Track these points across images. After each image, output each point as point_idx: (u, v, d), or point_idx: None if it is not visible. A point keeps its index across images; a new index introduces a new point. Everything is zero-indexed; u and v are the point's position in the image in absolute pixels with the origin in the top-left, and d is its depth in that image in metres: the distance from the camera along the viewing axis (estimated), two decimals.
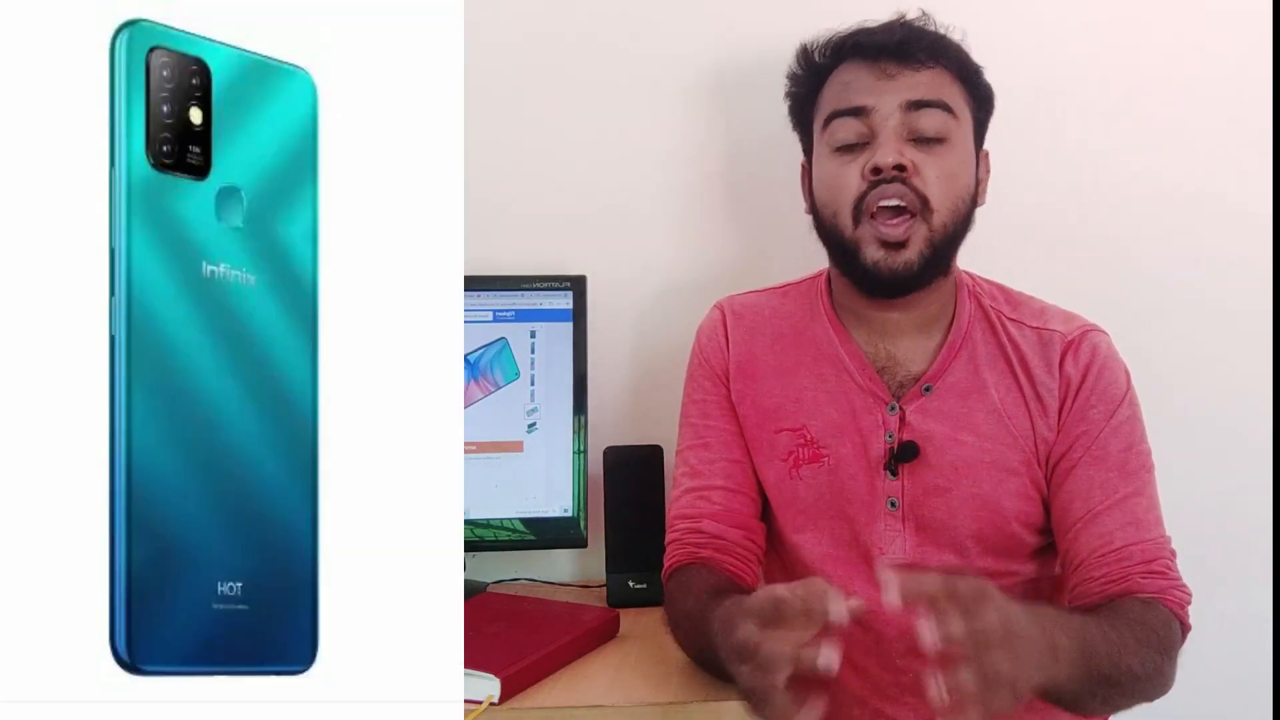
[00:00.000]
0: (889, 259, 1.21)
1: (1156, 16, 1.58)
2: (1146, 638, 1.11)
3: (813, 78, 1.28)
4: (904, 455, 1.24)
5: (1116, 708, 1.13)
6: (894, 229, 1.20)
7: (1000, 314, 1.28)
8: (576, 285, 1.48)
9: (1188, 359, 1.59)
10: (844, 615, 0.92)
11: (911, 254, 1.20)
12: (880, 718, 1.28)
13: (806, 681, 0.93)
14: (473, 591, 1.45)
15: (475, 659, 1.12)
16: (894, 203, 1.20)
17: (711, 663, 1.12)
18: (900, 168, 1.19)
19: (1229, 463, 1.60)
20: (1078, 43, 1.58)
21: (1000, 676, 0.88)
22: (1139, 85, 1.58)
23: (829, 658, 0.91)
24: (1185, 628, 1.17)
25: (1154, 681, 1.12)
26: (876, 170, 1.19)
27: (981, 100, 1.27)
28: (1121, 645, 1.08)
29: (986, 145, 1.30)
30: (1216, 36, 1.58)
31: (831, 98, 1.26)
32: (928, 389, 1.25)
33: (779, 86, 1.33)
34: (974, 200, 1.26)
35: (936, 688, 0.89)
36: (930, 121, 1.21)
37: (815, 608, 0.93)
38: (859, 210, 1.21)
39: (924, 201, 1.20)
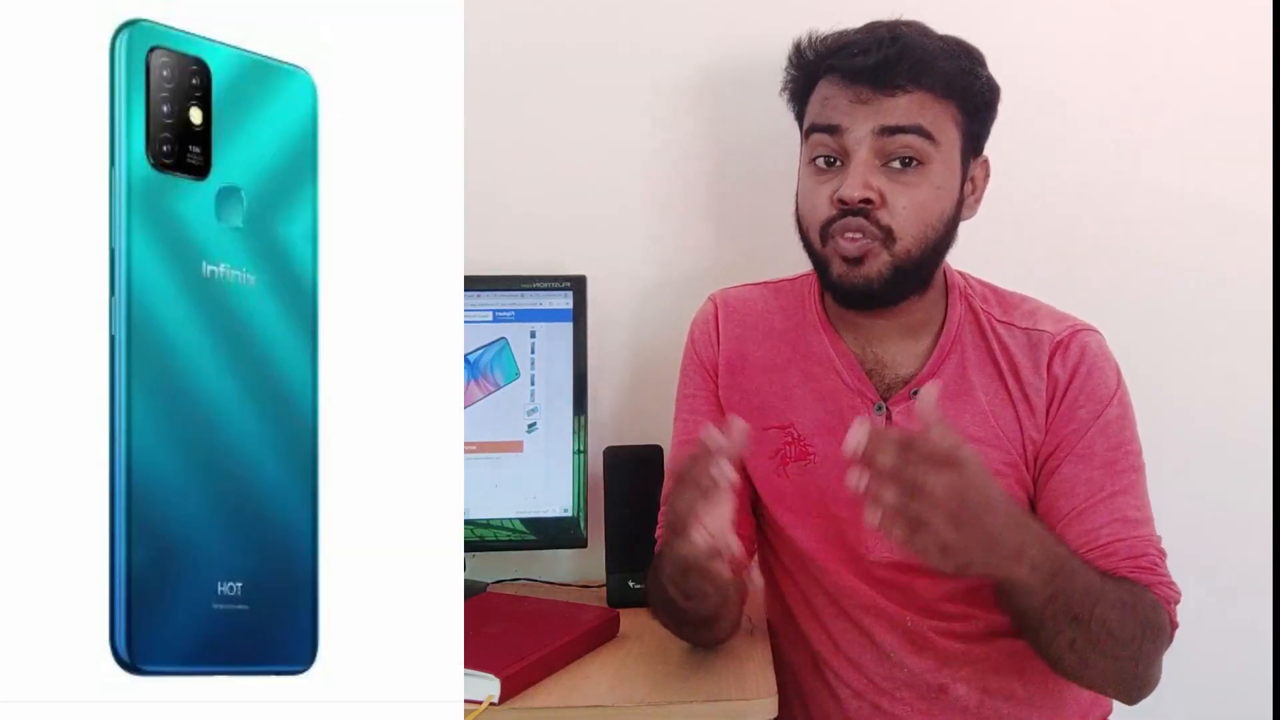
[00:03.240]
0: (850, 274, 1.20)
1: (1155, 13, 1.58)
2: (1132, 604, 1.11)
3: (804, 77, 1.27)
4: None
5: (1087, 664, 1.11)
6: (852, 245, 1.19)
7: (990, 316, 1.28)
8: (576, 285, 1.48)
9: (1188, 357, 1.59)
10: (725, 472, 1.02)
11: (871, 271, 1.20)
12: (878, 713, 1.29)
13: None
14: (473, 591, 1.45)
15: (475, 659, 1.12)
16: (856, 234, 1.19)
17: (679, 615, 1.15)
18: (866, 201, 1.18)
19: (1229, 461, 1.60)
20: (1078, 40, 1.58)
21: (931, 535, 0.95)
22: (1139, 85, 1.58)
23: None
24: (1173, 625, 1.17)
25: (1131, 654, 1.11)
26: (843, 201, 1.19)
27: (977, 110, 1.24)
28: (1102, 596, 1.09)
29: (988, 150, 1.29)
30: (1216, 32, 1.58)
31: (813, 110, 1.24)
32: (915, 394, 1.25)
33: (775, 86, 1.33)
34: (952, 221, 1.24)
35: (870, 513, 0.96)
36: (903, 147, 1.19)
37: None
38: (825, 233, 1.21)
39: (887, 232, 1.19)
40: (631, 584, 1.45)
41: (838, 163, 1.21)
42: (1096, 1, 1.59)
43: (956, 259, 1.30)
